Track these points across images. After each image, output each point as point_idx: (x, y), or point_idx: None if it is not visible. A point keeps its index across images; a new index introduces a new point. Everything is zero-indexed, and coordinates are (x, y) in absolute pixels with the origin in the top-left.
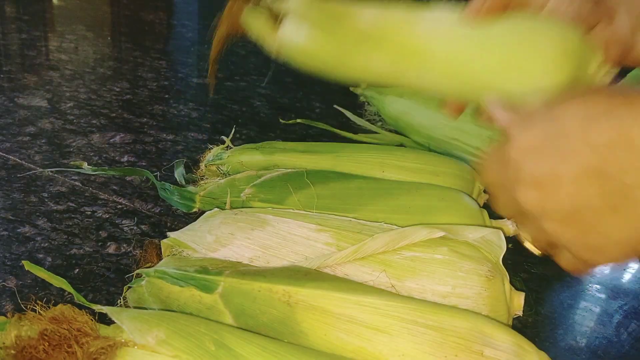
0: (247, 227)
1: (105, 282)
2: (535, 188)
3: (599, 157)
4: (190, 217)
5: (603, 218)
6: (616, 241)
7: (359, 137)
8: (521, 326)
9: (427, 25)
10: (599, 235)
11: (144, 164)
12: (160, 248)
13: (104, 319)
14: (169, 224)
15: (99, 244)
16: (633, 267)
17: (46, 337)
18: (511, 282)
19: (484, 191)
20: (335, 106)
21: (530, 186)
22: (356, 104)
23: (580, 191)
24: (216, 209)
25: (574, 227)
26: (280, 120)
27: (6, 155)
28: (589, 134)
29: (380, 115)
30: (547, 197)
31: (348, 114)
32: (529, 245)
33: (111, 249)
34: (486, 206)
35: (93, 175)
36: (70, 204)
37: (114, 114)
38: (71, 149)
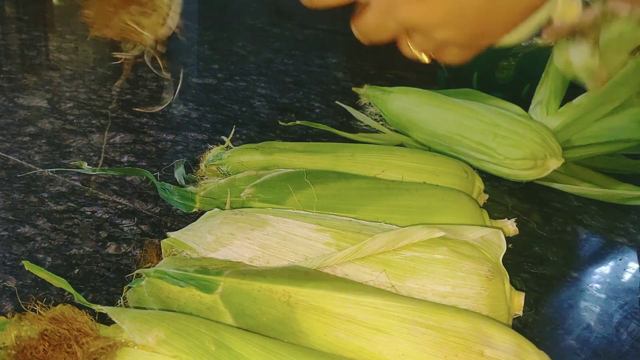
0: (247, 227)
1: (105, 282)
2: (420, 1)
3: None
4: (190, 217)
5: (483, 12)
6: (498, 25)
7: (359, 137)
8: (521, 326)
9: None
10: (482, 26)
11: (144, 164)
12: (160, 248)
13: (104, 319)
14: (169, 224)
15: (99, 244)
16: (633, 267)
17: (46, 338)
18: (511, 282)
19: (484, 191)
20: (337, 102)
21: (414, 1)
22: (356, 105)
23: None
24: (216, 209)
25: (460, 26)
26: (280, 122)
27: (6, 155)
28: None
29: (381, 116)
30: (431, 7)
31: (351, 110)
32: (416, 54)
33: (111, 249)
34: (486, 206)
35: (93, 175)
36: (70, 204)
37: (114, 114)
38: (71, 149)
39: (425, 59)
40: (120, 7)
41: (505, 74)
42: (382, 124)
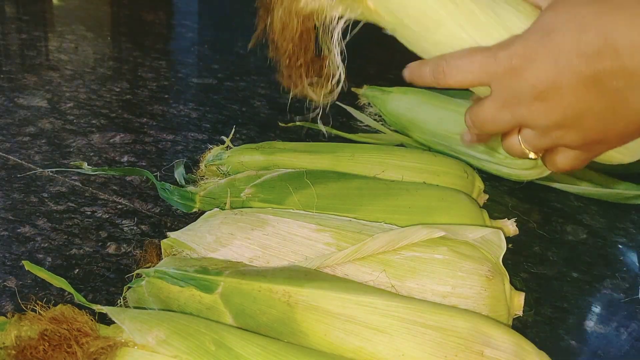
0: (247, 227)
1: (105, 282)
2: (540, 100)
3: (592, 67)
4: (190, 217)
5: (603, 119)
6: (616, 134)
7: (359, 137)
8: (521, 326)
9: None
10: (600, 133)
11: (144, 164)
12: (160, 248)
13: (104, 319)
14: (169, 224)
15: (99, 244)
16: (633, 267)
17: (46, 338)
18: (511, 282)
19: (484, 191)
20: (337, 102)
21: (534, 99)
22: (356, 105)
23: (580, 99)
24: (216, 209)
25: (577, 130)
26: (280, 124)
27: (6, 155)
28: (580, 46)
29: (381, 116)
30: (551, 108)
31: (351, 110)
32: (525, 151)
33: (111, 249)
34: (486, 206)
35: (93, 175)
36: (70, 204)
37: (114, 114)
38: (71, 149)
39: (533, 156)
40: (304, 76)
41: None
42: (381, 124)
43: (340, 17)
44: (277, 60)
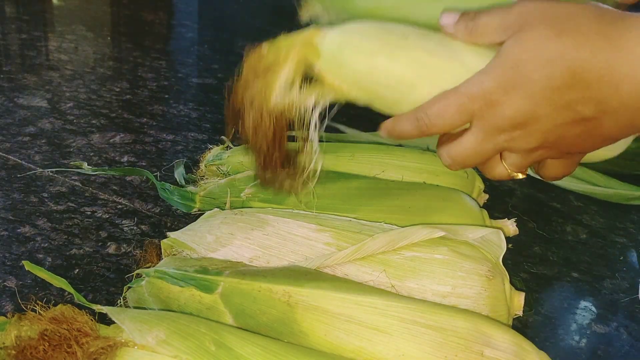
0: (247, 227)
1: (105, 282)
2: (520, 128)
3: (564, 98)
4: (190, 217)
5: (580, 139)
6: (595, 148)
7: (356, 137)
8: (521, 326)
9: None
10: (579, 148)
11: (144, 164)
12: (160, 248)
13: (104, 319)
14: (169, 224)
15: (99, 244)
16: (633, 267)
17: (46, 338)
18: (511, 282)
19: (484, 191)
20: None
21: (514, 128)
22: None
23: (557, 125)
24: (216, 209)
25: (558, 148)
26: None
27: (6, 155)
28: (550, 80)
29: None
30: (531, 133)
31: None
32: (512, 174)
33: (111, 249)
34: (486, 206)
35: (93, 175)
36: (70, 204)
37: (114, 114)
38: (71, 149)
39: (520, 176)
40: (280, 169)
41: None
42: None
43: (314, 106)
44: (251, 154)
